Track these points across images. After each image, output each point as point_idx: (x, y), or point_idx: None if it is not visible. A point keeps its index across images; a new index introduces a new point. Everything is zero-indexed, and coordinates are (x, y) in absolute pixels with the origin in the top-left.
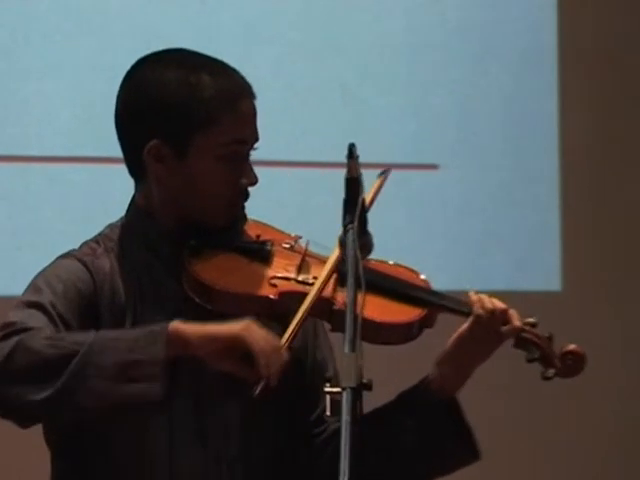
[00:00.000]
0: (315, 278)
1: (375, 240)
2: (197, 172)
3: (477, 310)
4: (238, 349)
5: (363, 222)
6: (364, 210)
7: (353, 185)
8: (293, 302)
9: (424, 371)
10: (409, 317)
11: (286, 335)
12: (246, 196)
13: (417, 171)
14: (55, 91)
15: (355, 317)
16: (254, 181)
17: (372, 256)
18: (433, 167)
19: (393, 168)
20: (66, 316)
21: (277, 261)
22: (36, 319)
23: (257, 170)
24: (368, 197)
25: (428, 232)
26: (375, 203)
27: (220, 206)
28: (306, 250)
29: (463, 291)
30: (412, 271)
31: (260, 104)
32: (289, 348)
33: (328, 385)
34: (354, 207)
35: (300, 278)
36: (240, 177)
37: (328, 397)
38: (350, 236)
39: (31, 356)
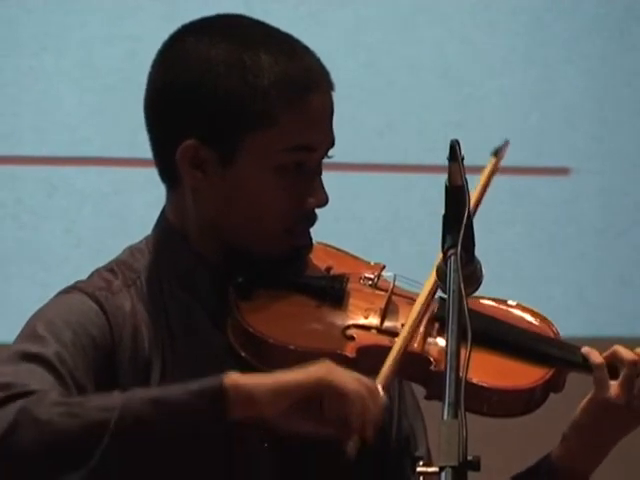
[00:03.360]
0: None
1: (485, 268)
2: (247, 186)
3: (622, 370)
4: (318, 400)
5: (469, 245)
6: (471, 229)
7: (456, 196)
8: (376, 360)
9: (541, 441)
10: (529, 381)
11: (381, 374)
12: (312, 220)
13: (541, 177)
14: (56, 70)
15: (457, 372)
16: (323, 201)
17: (480, 292)
18: (563, 172)
19: (509, 172)
20: (78, 374)
21: (354, 304)
22: (39, 378)
23: (333, 176)
24: (478, 186)
25: (556, 257)
26: (487, 211)
27: (277, 232)
28: (393, 286)
29: (602, 339)
30: (535, 315)
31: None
32: (386, 391)
33: (421, 464)
34: (457, 225)
35: (385, 327)
36: (305, 195)
37: (422, 479)
38: (452, 265)
39: (41, 429)
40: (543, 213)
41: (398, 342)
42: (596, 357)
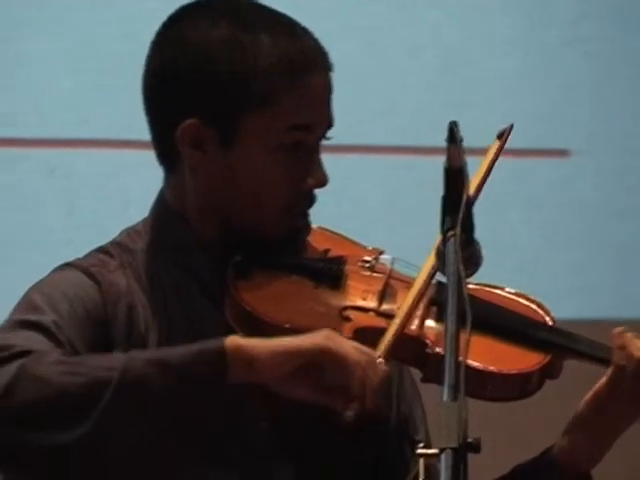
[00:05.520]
0: None
1: (484, 251)
2: (246, 165)
3: (619, 360)
4: (319, 366)
5: (468, 227)
6: (470, 210)
7: (455, 178)
8: (373, 342)
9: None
10: (527, 365)
11: (381, 345)
12: (311, 200)
13: (540, 159)
14: (53, 52)
15: (456, 353)
16: (323, 181)
17: (479, 276)
18: (562, 153)
19: (509, 155)
20: (76, 343)
21: (352, 286)
22: (38, 343)
23: (331, 158)
24: (481, 169)
25: (555, 240)
26: (486, 194)
27: (276, 212)
28: (391, 270)
29: (600, 321)
30: (533, 302)
31: None
32: (386, 361)
33: (421, 446)
34: (456, 207)
35: (382, 309)
36: (305, 175)
37: (422, 461)
38: (451, 247)
39: (41, 387)
40: (542, 195)
41: (399, 315)
42: (631, 350)
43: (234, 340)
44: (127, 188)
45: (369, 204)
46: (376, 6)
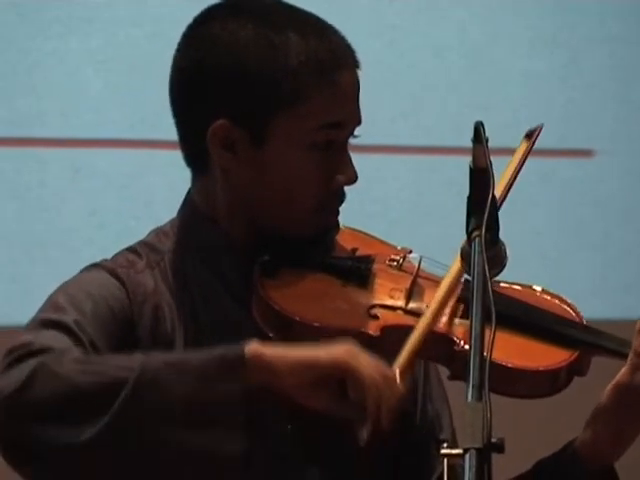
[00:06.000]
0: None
1: (509, 250)
2: (278, 165)
3: (638, 348)
4: (336, 379)
5: (493, 227)
6: (495, 210)
7: (480, 178)
8: (400, 340)
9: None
10: (554, 362)
11: (399, 360)
12: (342, 197)
13: (565, 159)
14: (80, 52)
15: (482, 354)
16: (353, 178)
17: (504, 274)
18: (586, 153)
19: (533, 154)
20: (97, 343)
21: (380, 284)
22: (58, 341)
23: (356, 157)
24: (510, 168)
25: (580, 239)
26: (509, 196)
27: (307, 210)
28: (418, 269)
29: (624, 321)
30: (561, 300)
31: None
32: (403, 380)
33: (445, 446)
34: (481, 207)
35: (410, 307)
36: (335, 172)
37: (445, 461)
38: (476, 247)
39: (58, 384)
40: (567, 195)
41: (419, 327)
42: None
43: (255, 347)
44: (150, 188)
45: (394, 204)
46: (401, 6)
